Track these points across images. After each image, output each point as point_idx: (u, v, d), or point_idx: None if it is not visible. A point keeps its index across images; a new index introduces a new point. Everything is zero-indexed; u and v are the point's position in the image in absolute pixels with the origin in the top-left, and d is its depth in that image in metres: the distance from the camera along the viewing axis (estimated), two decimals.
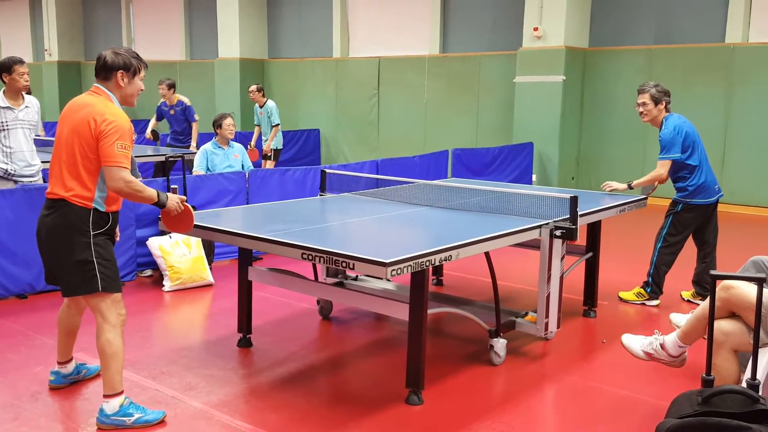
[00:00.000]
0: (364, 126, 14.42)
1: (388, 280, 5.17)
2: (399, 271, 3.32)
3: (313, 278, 5.08)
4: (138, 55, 3.63)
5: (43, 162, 5.85)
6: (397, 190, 5.66)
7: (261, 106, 11.10)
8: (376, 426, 3.57)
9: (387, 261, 3.26)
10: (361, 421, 3.62)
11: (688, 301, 5.76)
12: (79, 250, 3.43)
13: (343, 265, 3.45)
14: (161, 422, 3.54)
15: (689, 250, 5.73)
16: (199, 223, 4.10)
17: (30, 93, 5.89)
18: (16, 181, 5.71)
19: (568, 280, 4.89)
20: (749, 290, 3.37)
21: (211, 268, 6.23)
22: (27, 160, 5.75)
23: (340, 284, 5.22)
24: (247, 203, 6.98)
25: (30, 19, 21.86)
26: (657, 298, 5.69)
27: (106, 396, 3.50)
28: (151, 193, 3.51)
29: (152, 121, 10.38)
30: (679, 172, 5.52)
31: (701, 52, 10.49)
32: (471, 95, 12.87)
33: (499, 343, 4.38)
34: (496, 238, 4.03)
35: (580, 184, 11.45)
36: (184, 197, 3.73)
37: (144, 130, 11.13)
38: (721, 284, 3.49)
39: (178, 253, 6.01)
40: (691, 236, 5.68)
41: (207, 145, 7.41)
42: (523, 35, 11.50)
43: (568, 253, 4.67)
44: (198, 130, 10.19)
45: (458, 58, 13.03)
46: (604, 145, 11.46)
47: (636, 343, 3.95)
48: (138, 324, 5.05)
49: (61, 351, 3.93)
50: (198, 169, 7.26)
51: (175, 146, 9.85)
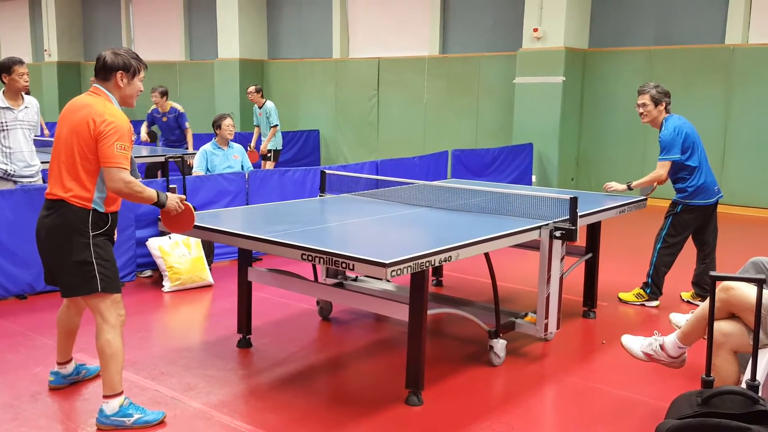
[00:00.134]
0: (364, 127, 14.42)
1: (388, 281, 5.17)
2: (399, 272, 3.32)
3: (313, 279, 5.07)
4: (137, 55, 3.62)
5: (42, 162, 5.85)
6: (397, 190, 5.66)
7: (260, 107, 11.08)
8: (376, 426, 3.57)
9: (387, 262, 3.27)
10: (360, 422, 3.62)
11: (688, 302, 5.75)
12: (78, 251, 3.43)
13: (343, 265, 3.45)
14: (161, 423, 3.54)
15: (689, 251, 5.73)
16: (198, 224, 4.10)
17: (29, 93, 5.89)
18: (15, 182, 5.71)
19: (568, 281, 4.89)
20: (749, 291, 3.37)
21: (210, 269, 6.23)
22: (26, 161, 5.75)
23: (340, 285, 5.21)
24: (247, 204, 6.98)
25: (29, 19, 21.86)
26: (656, 299, 5.69)
27: (105, 396, 3.50)
28: (151, 193, 3.51)
29: (143, 127, 10.27)
30: (678, 173, 5.52)
31: (701, 53, 10.50)
32: (471, 96, 12.87)
33: (499, 344, 4.38)
34: (496, 239, 4.04)
35: (580, 185, 11.46)
36: (184, 196, 3.72)
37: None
38: (720, 285, 3.49)
39: (178, 254, 6.00)
40: (690, 237, 5.68)
41: (207, 146, 7.41)
42: (522, 36, 11.50)
43: (568, 254, 4.67)
44: (192, 133, 10.11)
45: (458, 59, 13.04)
46: (604, 146, 11.46)
47: (635, 343, 3.96)
48: (137, 324, 5.05)
49: (60, 351, 3.93)
50: (198, 169, 7.27)
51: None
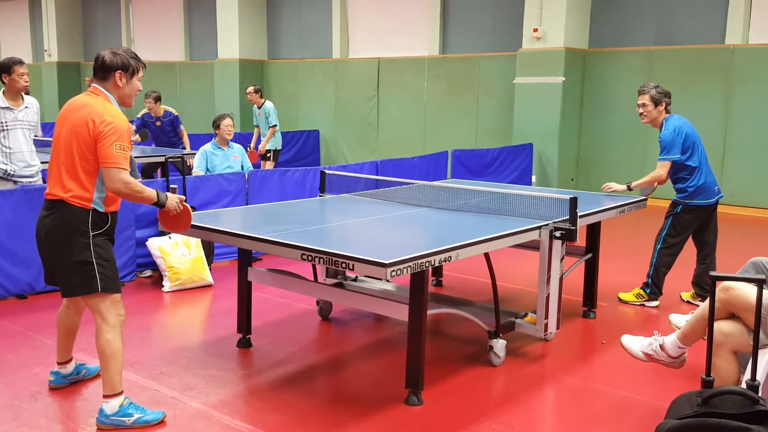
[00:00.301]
0: (364, 127, 14.42)
1: (388, 281, 5.17)
2: (399, 272, 3.32)
3: (313, 279, 5.07)
4: (136, 55, 3.62)
5: (42, 162, 5.84)
6: (397, 191, 5.66)
7: (259, 107, 11.08)
8: (376, 426, 3.57)
9: (387, 262, 3.26)
10: (360, 422, 3.61)
11: (688, 302, 5.75)
12: (78, 251, 3.42)
13: (343, 265, 3.45)
14: (161, 422, 3.54)
15: (689, 251, 5.73)
16: (198, 224, 4.10)
17: (29, 93, 5.89)
18: (15, 182, 5.71)
19: (568, 281, 4.89)
20: (749, 291, 3.37)
21: (210, 269, 6.23)
22: (26, 161, 5.75)
23: (340, 285, 5.21)
24: (247, 204, 6.98)
25: (29, 19, 21.86)
26: (656, 299, 5.69)
27: (105, 396, 3.50)
28: (151, 193, 3.51)
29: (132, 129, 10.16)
30: (678, 173, 5.52)
31: (701, 53, 10.50)
32: (471, 96, 12.87)
33: (499, 344, 4.38)
34: (496, 239, 4.03)
35: (580, 185, 11.45)
36: (183, 197, 3.73)
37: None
38: (720, 285, 3.49)
39: (178, 254, 6.00)
40: (690, 237, 5.68)
41: (207, 146, 7.41)
42: (522, 36, 11.50)
43: (568, 254, 4.67)
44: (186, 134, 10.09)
45: (458, 59, 13.04)
46: (604, 146, 11.46)
47: (635, 344, 3.95)
48: (137, 324, 5.05)
49: (60, 351, 3.93)
50: (197, 169, 7.27)
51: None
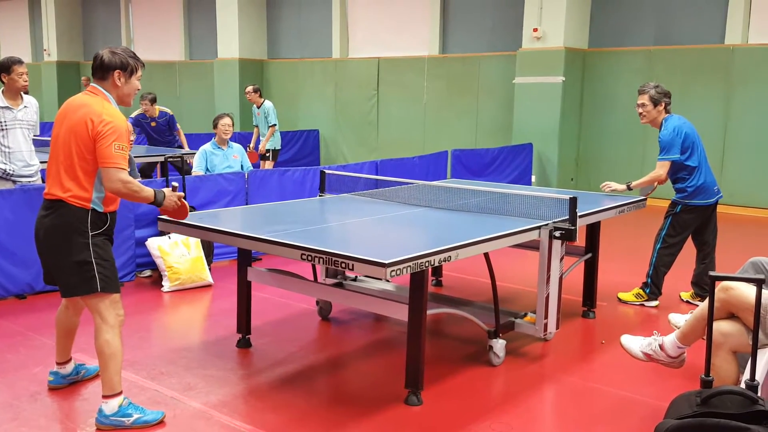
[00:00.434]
0: (364, 127, 14.42)
1: (388, 281, 5.17)
2: (398, 272, 3.32)
3: (313, 279, 5.07)
4: (135, 54, 3.61)
5: (41, 162, 5.84)
6: (397, 190, 5.66)
7: (258, 107, 11.07)
8: (375, 426, 3.57)
9: (386, 262, 3.26)
10: (360, 422, 3.61)
11: (687, 302, 5.75)
12: (77, 251, 3.42)
13: (343, 265, 3.44)
14: (160, 422, 3.54)
15: (688, 251, 5.73)
16: (198, 224, 4.10)
17: (28, 93, 5.88)
18: (14, 182, 5.71)
19: (567, 281, 4.89)
20: (748, 291, 3.37)
21: (210, 269, 6.23)
22: (26, 160, 5.75)
23: (340, 285, 5.21)
24: (247, 204, 6.98)
25: (29, 19, 21.85)
26: (656, 299, 5.69)
27: (105, 396, 3.49)
28: (149, 192, 3.51)
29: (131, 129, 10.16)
30: (678, 173, 5.52)
31: (701, 53, 10.50)
32: (470, 96, 12.87)
33: (498, 344, 4.38)
34: (496, 239, 4.03)
35: (580, 185, 11.45)
36: (182, 194, 3.72)
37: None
38: (720, 285, 3.49)
39: (177, 254, 6.00)
40: (690, 237, 5.68)
41: (206, 146, 7.41)
42: (522, 36, 11.50)
43: (568, 254, 4.67)
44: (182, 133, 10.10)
45: (458, 59, 13.03)
46: (604, 146, 11.46)
47: (635, 343, 3.95)
48: (137, 324, 5.04)
49: (59, 351, 3.93)
50: (197, 169, 7.26)
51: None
